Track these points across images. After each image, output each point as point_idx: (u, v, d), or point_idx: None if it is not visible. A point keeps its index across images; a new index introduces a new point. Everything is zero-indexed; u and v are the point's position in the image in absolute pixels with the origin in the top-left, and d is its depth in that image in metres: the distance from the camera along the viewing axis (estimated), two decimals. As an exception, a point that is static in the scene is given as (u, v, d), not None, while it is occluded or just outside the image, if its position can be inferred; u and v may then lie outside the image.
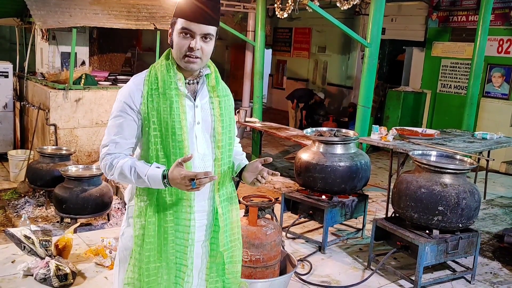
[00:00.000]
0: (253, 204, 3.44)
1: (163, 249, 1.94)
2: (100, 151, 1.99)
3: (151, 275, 1.93)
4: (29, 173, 5.84)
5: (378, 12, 6.18)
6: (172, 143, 1.91)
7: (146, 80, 1.95)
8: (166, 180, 1.84)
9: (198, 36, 1.89)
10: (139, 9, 7.71)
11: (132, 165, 1.89)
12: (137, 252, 1.95)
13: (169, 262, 1.95)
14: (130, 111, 1.93)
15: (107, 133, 1.98)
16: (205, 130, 2.02)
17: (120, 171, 1.90)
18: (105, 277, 3.73)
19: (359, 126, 6.48)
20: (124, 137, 1.94)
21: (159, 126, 1.91)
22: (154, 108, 1.91)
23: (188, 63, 1.92)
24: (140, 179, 1.88)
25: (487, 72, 8.62)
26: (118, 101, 1.97)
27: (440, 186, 3.71)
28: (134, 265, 1.96)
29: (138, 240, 1.95)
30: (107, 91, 7.01)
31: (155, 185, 1.88)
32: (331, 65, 12.92)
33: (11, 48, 9.27)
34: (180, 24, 1.90)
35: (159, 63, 1.99)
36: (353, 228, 5.14)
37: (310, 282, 3.92)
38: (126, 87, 1.98)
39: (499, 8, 8.41)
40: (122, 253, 2.07)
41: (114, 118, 1.96)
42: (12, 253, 3.98)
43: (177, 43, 1.92)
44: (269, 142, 10.09)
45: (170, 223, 1.94)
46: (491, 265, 4.49)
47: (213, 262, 2.07)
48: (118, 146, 1.94)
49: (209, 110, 2.03)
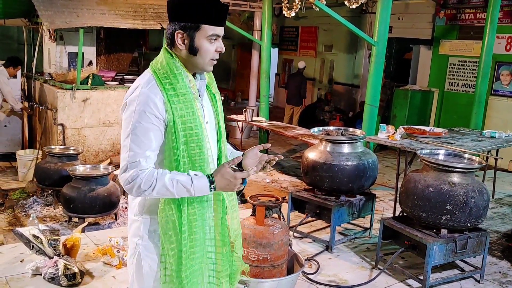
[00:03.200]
0: (260, 204, 3.44)
1: (193, 252, 1.94)
2: (126, 169, 1.84)
3: (189, 280, 1.93)
4: (37, 172, 5.87)
5: (385, 10, 6.16)
6: (197, 147, 1.90)
7: (159, 85, 1.87)
8: (213, 186, 1.85)
9: (220, 38, 1.94)
10: (145, 9, 7.72)
11: (172, 178, 1.82)
12: (171, 263, 1.92)
13: (197, 261, 1.97)
14: (156, 120, 1.84)
15: (133, 148, 1.83)
16: (212, 129, 2.05)
17: (162, 185, 1.82)
18: (113, 276, 3.74)
19: (366, 125, 6.46)
20: (153, 149, 1.86)
21: (184, 131, 1.87)
22: (179, 115, 1.86)
23: (212, 66, 1.96)
24: (184, 190, 1.83)
25: (495, 70, 8.56)
26: (138, 112, 1.83)
27: (448, 185, 3.69)
28: (171, 276, 1.93)
29: (171, 251, 1.91)
30: (114, 91, 7.03)
31: (199, 193, 1.86)
32: (337, 64, 12.89)
33: (19, 48, 9.31)
34: (209, 30, 1.87)
35: (164, 66, 1.91)
36: (361, 227, 5.12)
37: (318, 282, 3.91)
38: (142, 97, 1.84)
39: (507, 6, 8.34)
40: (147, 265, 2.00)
41: (138, 131, 1.83)
42: (21, 252, 4.00)
43: (207, 49, 1.89)
44: (276, 141, 10.08)
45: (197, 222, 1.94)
46: (500, 264, 4.46)
47: (221, 253, 2.08)
48: (149, 161, 1.85)
49: (211, 108, 2.07)
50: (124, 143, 1.87)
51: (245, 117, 8.00)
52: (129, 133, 1.84)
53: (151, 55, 11.41)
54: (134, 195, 1.90)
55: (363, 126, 6.52)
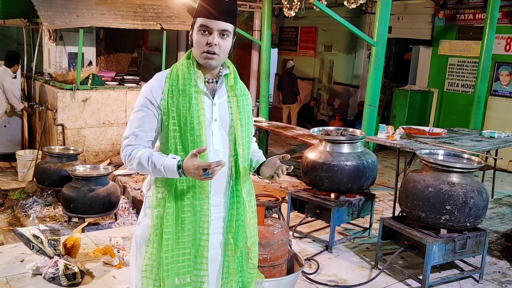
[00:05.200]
0: (260, 204, 3.45)
1: (180, 238, 2.02)
2: (122, 142, 2.09)
3: (169, 263, 2.00)
4: (37, 173, 5.87)
5: (385, 11, 6.16)
6: (190, 137, 2.00)
7: (167, 77, 2.06)
8: (181, 170, 1.92)
9: (215, 32, 1.99)
10: (145, 9, 7.73)
11: (149, 156, 1.98)
12: (154, 241, 2.02)
13: (186, 251, 2.03)
14: (151, 106, 2.04)
15: (129, 126, 2.08)
16: (221, 127, 2.10)
17: (139, 161, 1.99)
18: (113, 276, 3.75)
19: (366, 125, 6.46)
20: (144, 130, 2.05)
21: (178, 121, 2.01)
22: (174, 104, 2.01)
23: (206, 59, 2.01)
24: (156, 169, 1.96)
25: (495, 70, 8.57)
26: (140, 96, 2.08)
27: (447, 185, 3.69)
28: (152, 253, 2.03)
29: (155, 229, 2.03)
30: (114, 91, 7.03)
31: (170, 175, 1.96)
32: (337, 64, 12.89)
33: (19, 48, 9.31)
34: (198, 23, 2.01)
35: (180, 62, 2.10)
36: (360, 227, 5.13)
37: (317, 282, 3.92)
38: (148, 84, 2.09)
39: (507, 6, 8.35)
40: (139, 241, 2.13)
41: (136, 112, 2.07)
42: (21, 252, 4.01)
43: (197, 40, 2.02)
44: (275, 142, 10.09)
45: (188, 213, 2.02)
46: (499, 264, 4.47)
47: (233, 256, 2.13)
48: (138, 138, 2.05)
49: (227, 109, 2.12)
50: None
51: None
52: (132, 114, 2.10)
53: (151, 55, 11.43)
54: (127, 168, 2.09)
55: (362, 126, 6.52)
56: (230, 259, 2.13)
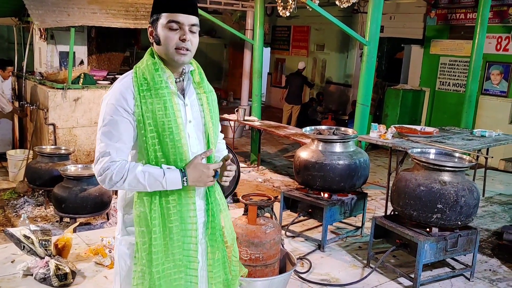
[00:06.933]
0: (252, 203, 3.45)
1: (169, 250, 1.92)
2: (98, 161, 1.88)
3: (161, 277, 1.90)
4: (28, 172, 5.83)
5: (377, 10, 6.18)
6: (170, 143, 1.88)
7: (134, 81, 1.90)
8: (186, 178, 1.85)
9: (186, 27, 1.89)
10: (137, 8, 7.69)
11: (144, 170, 1.84)
12: (143, 257, 1.90)
13: (176, 262, 1.93)
14: (125, 113, 1.87)
15: (104, 140, 1.86)
16: (197, 128, 2.01)
17: (133, 177, 1.83)
18: (105, 276, 3.73)
19: (358, 124, 6.48)
20: (123, 141, 1.87)
21: (155, 127, 1.87)
22: (148, 109, 1.86)
23: (180, 55, 1.90)
24: (156, 183, 1.84)
25: (486, 69, 8.63)
26: (109, 105, 1.88)
27: (439, 184, 3.71)
28: (142, 271, 1.90)
29: (143, 245, 1.90)
30: (106, 90, 6.98)
31: (171, 186, 1.86)
32: (329, 63, 12.92)
33: (9, 47, 9.24)
34: (165, 18, 1.89)
35: (144, 62, 1.95)
36: (353, 226, 5.14)
37: (310, 280, 3.92)
38: (114, 91, 1.91)
39: (497, 6, 8.41)
40: (123, 262, 2.00)
41: (108, 124, 1.86)
42: (12, 252, 3.98)
43: (166, 37, 1.89)
44: (268, 141, 10.09)
45: (175, 222, 1.92)
46: (490, 262, 4.50)
47: (213, 258, 2.07)
48: (119, 152, 1.87)
49: (198, 107, 2.02)
50: (97, 136, 1.91)
51: (237, 116, 8.00)
52: (101, 126, 1.89)
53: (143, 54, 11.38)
54: (107, 187, 1.90)
55: (354, 125, 6.54)
56: (211, 262, 2.06)
